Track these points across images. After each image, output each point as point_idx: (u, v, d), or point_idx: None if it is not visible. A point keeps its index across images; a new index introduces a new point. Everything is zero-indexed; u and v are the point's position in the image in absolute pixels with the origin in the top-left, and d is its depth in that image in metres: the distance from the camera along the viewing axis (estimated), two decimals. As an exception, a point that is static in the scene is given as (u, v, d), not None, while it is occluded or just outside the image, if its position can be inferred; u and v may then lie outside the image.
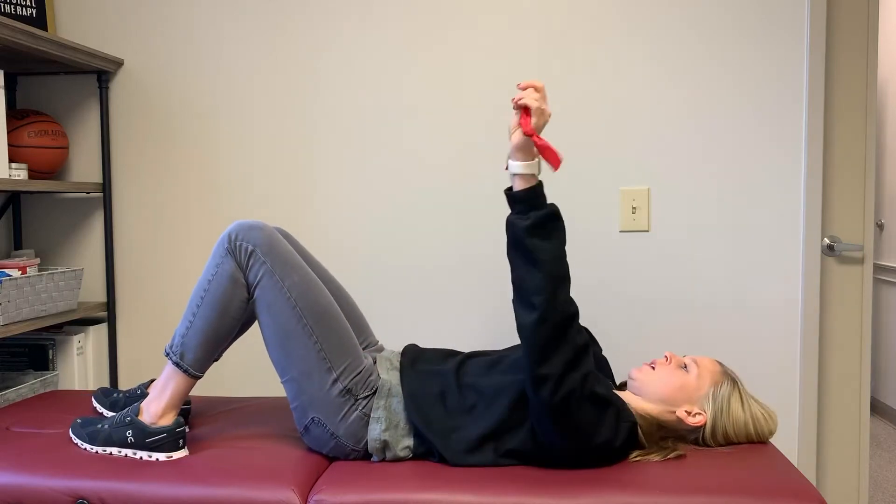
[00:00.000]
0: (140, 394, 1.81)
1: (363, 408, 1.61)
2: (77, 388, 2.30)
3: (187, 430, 1.77)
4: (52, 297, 2.19)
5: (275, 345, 1.62)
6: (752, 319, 2.20)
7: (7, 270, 2.10)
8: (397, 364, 1.73)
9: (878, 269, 4.30)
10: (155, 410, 1.62)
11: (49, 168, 2.26)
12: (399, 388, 1.65)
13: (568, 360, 1.45)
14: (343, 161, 2.32)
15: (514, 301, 1.50)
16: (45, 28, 2.34)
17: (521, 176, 1.49)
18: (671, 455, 1.54)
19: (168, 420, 1.62)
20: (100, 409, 1.85)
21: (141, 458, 1.58)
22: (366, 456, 1.62)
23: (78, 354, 2.31)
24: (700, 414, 1.62)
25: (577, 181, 2.24)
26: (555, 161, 1.46)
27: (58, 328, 2.38)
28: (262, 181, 2.36)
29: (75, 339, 2.30)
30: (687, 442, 1.64)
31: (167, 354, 1.64)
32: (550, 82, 2.23)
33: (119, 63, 2.39)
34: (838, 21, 2.18)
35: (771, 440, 1.98)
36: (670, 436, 1.63)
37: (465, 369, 1.68)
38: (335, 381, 1.60)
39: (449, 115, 2.27)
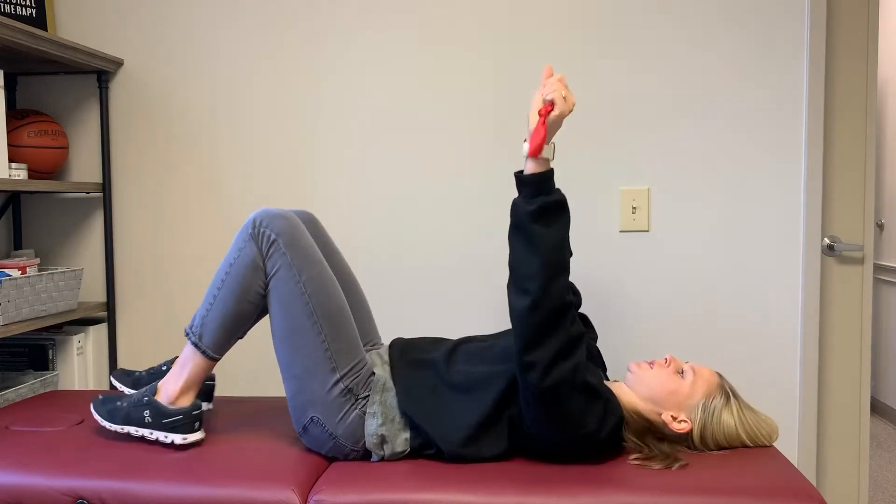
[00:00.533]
0: (166, 370, 1.81)
1: (362, 407, 1.61)
2: (77, 388, 2.30)
3: (209, 406, 1.84)
4: (52, 297, 2.19)
5: (282, 338, 1.63)
6: (752, 319, 2.20)
7: (7, 270, 2.10)
8: (387, 358, 1.73)
9: (878, 269, 4.31)
10: (172, 390, 1.62)
11: (49, 168, 2.26)
12: (391, 383, 1.65)
13: (558, 348, 1.45)
14: (343, 161, 2.32)
15: (508, 285, 1.49)
16: (45, 28, 2.34)
17: (535, 159, 1.48)
18: (674, 466, 1.53)
19: (186, 401, 1.63)
20: (120, 387, 1.85)
21: (157, 438, 1.60)
22: (365, 456, 1.62)
23: (78, 354, 2.31)
24: (685, 422, 1.61)
25: (577, 181, 2.24)
26: (534, 146, 1.45)
27: (58, 328, 2.38)
28: (262, 181, 2.36)
29: (75, 339, 2.30)
30: (681, 447, 1.63)
31: (187, 334, 1.65)
32: (550, 82, 2.23)
33: (119, 63, 2.39)
34: (838, 21, 2.18)
35: (771, 440, 1.98)
36: (666, 439, 1.63)
37: (455, 357, 1.68)
38: (337, 381, 1.60)
39: (449, 115, 2.27)
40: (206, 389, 1.84)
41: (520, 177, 1.49)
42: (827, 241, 2.21)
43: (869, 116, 2.19)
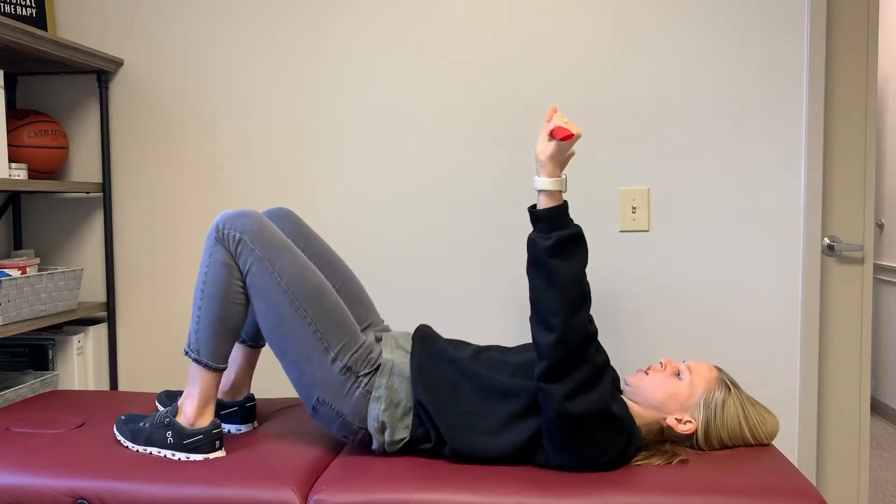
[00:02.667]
0: None
1: (365, 385, 1.62)
2: (77, 388, 2.30)
3: (253, 426, 1.83)
4: (52, 297, 2.19)
5: (271, 330, 1.63)
6: (753, 319, 2.20)
7: (7, 270, 2.10)
8: (405, 345, 1.71)
9: (878, 269, 4.31)
10: (190, 411, 1.64)
11: (49, 168, 2.26)
12: (402, 367, 1.64)
13: (584, 378, 1.46)
14: (343, 161, 2.32)
15: (531, 319, 1.50)
16: (45, 28, 2.34)
17: (547, 193, 1.49)
18: (674, 461, 1.53)
19: (205, 420, 1.64)
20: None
21: (179, 459, 1.60)
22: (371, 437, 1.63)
23: (78, 354, 2.31)
24: (690, 422, 1.61)
25: (577, 181, 2.24)
26: (564, 134, 1.47)
27: (58, 328, 2.38)
28: (261, 181, 2.36)
29: (75, 339, 2.30)
30: (684, 447, 1.63)
31: (186, 353, 1.65)
32: (550, 82, 2.23)
33: (119, 63, 2.39)
34: (838, 21, 2.18)
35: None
36: (668, 440, 1.63)
37: (480, 360, 1.67)
38: (334, 360, 1.61)
39: (451, 115, 2.27)
40: (247, 411, 1.83)
41: (534, 212, 1.50)
42: (827, 241, 2.21)
43: (869, 116, 2.19)
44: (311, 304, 1.62)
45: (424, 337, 1.72)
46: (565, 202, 1.49)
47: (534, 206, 1.51)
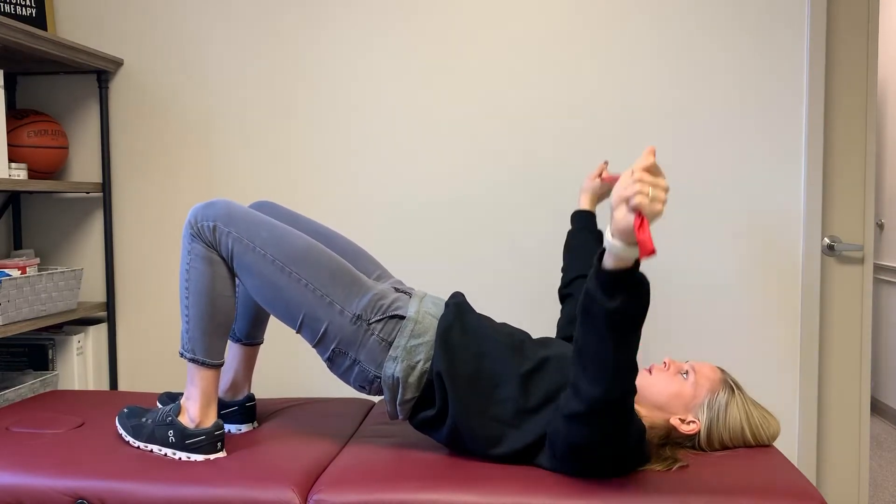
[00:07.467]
0: None
1: (379, 332, 1.60)
2: (77, 388, 2.30)
3: (253, 426, 1.82)
4: (52, 297, 2.19)
5: (272, 303, 1.63)
6: (752, 319, 2.20)
7: (7, 270, 2.10)
8: (433, 309, 1.66)
9: (878, 269, 4.31)
10: (193, 411, 1.63)
11: (49, 168, 2.26)
12: (425, 330, 1.61)
13: (614, 429, 1.39)
14: (344, 161, 2.32)
15: (575, 363, 1.37)
16: (45, 28, 2.34)
17: (617, 255, 1.26)
18: (674, 467, 1.52)
19: (209, 421, 1.63)
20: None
21: (180, 458, 1.60)
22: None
23: (78, 354, 2.31)
24: (694, 422, 1.60)
25: (577, 181, 2.24)
26: (645, 251, 1.21)
27: (57, 328, 2.38)
28: (262, 181, 2.36)
29: (75, 339, 2.30)
30: (685, 448, 1.63)
31: (182, 355, 1.65)
32: (551, 82, 2.23)
33: (119, 63, 2.39)
34: (838, 21, 2.18)
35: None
36: (668, 443, 1.62)
37: (509, 345, 1.62)
38: (341, 311, 1.60)
39: (448, 114, 2.27)
40: (247, 411, 1.83)
41: (600, 271, 1.28)
42: (827, 241, 2.21)
43: (869, 116, 2.19)
44: (301, 266, 1.61)
45: (458, 305, 1.67)
46: (637, 263, 1.27)
47: (601, 255, 1.29)
